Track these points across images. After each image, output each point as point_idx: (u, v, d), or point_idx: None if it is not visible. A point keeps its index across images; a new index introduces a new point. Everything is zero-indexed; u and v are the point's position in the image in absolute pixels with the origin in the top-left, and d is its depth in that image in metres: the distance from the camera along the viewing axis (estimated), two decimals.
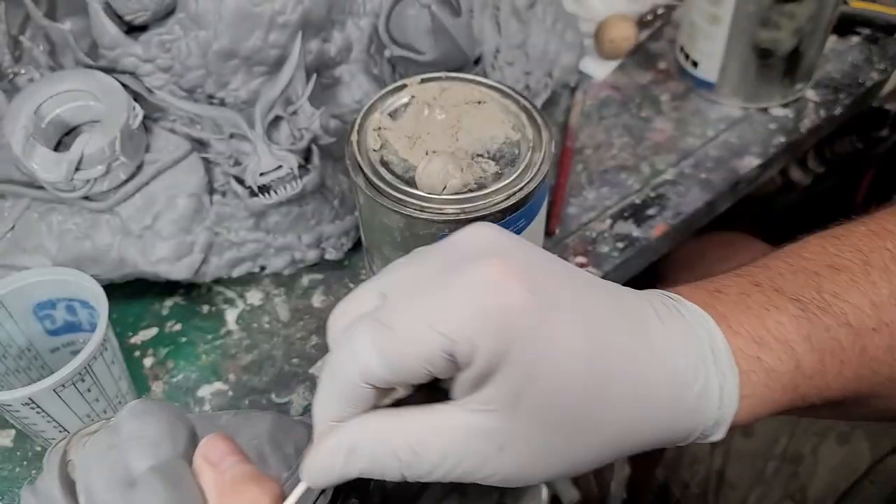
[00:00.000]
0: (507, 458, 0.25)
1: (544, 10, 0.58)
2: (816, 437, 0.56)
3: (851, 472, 0.53)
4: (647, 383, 0.26)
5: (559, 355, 0.24)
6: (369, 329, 0.25)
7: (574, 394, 0.25)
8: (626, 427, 0.26)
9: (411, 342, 0.24)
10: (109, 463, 0.27)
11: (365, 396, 0.25)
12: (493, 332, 0.24)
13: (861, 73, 0.65)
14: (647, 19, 0.70)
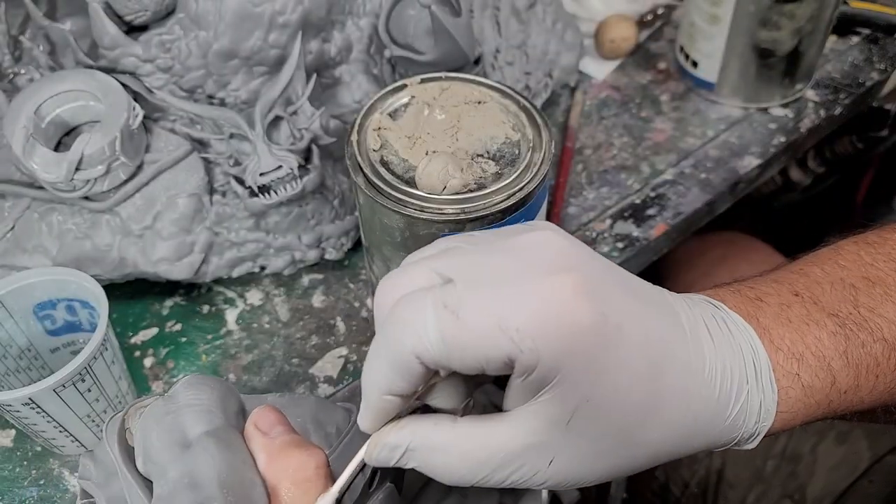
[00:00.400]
0: (555, 470, 0.26)
1: (544, 11, 0.58)
2: (815, 436, 0.56)
3: (850, 471, 0.53)
4: (696, 405, 0.27)
5: (618, 379, 0.25)
6: (434, 309, 0.24)
7: (627, 416, 0.26)
8: (671, 443, 0.27)
9: (476, 336, 0.24)
10: (166, 426, 0.28)
11: (416, 373, 0.25)
12: (560, 348, 0.24)
13: (861, 73, 0.65)
14: (647, 19, 0.70)
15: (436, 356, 0.24)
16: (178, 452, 0.27)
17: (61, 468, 0.44)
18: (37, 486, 0.43)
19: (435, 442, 0.26)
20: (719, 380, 0.27)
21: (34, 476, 0.43)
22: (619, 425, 0.26)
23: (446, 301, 0.24)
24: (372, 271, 0.47)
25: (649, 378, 0.26)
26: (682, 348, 0.27)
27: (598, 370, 0.25)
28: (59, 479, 0.43)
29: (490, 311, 0.24)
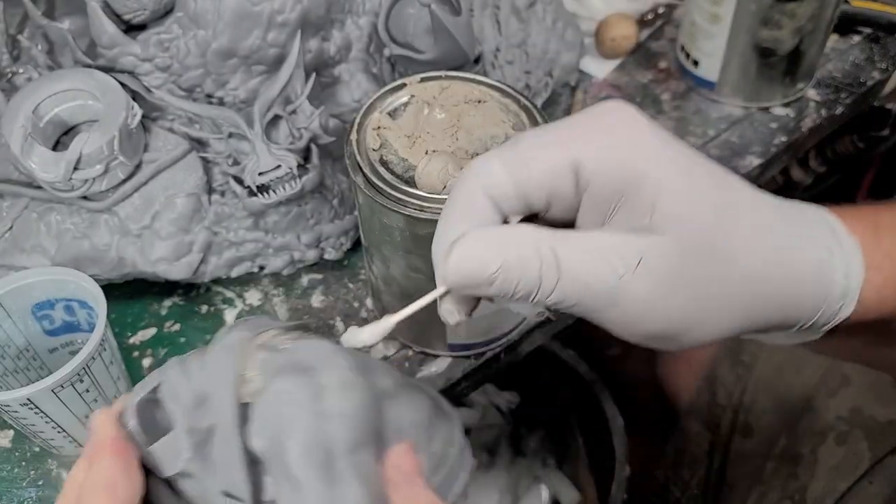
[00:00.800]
0: (642, 275, 0.25)
1: (544, 9, 0.58)
2: (816, 437, 0.56)
3: (851, 472, 0.53)
4: (770, 227, 0.26)
5: (688, 176, 0.25)
6: (495, 150, 0.26)
7: (703, 218, 0.25)
8: (757, 268, 0.26)
9: (539, 154, 0.25)
10: (313, 432, 0.25)
11: (487, 212, 0.26)
12: (618, 149, 0.24)
13: (862, 73, 0.65)
14: (648, 18, 0.69)
15: (503, 184, 0.25)
16: (321, 472, 0.24)
17: (60, 469, 0.44)
18: (35, 487, 0.43)
19: (518, 232, 0.25)
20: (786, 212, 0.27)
21: (33, 477, 0.43)
22: (698, 230, 0.25)
23: (506, 143, 0.26)
24: (371, 271, 0.46)
25: (714, 184, 0.26)
26: (740, 180, 0.27)
27: (664, 170, 0.25)
28: (57, 479, 0.43)
29: (548, 135, 0.25)
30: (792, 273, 0.26)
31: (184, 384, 0.27)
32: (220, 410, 0.26)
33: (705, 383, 0.64)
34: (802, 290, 0.27)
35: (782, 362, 0.60)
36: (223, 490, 0.26)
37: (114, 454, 0.26)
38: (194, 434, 0.26)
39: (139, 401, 0.27)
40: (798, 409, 0.57)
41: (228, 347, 0.27)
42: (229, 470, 0.25)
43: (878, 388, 0.55)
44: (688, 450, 0.64)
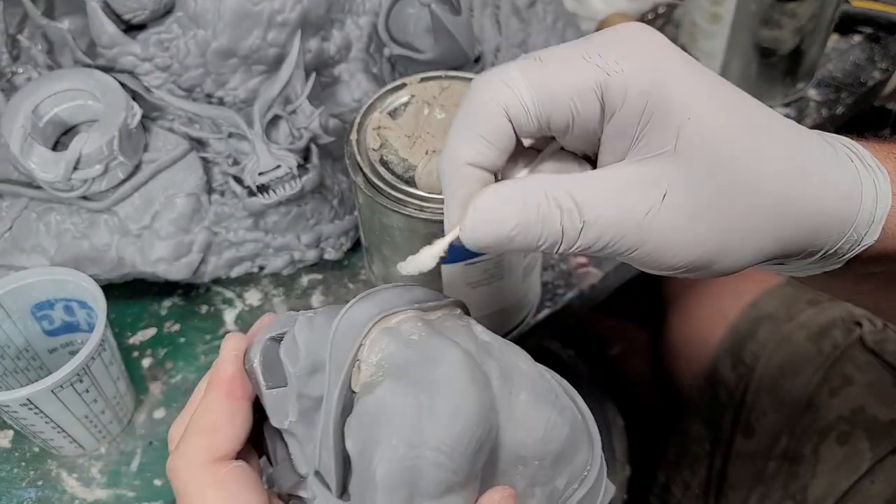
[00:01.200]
0: (669, 209, 0.24)
1: (545, 9, 0.58)
2: (817, 436, 0.55)
3: (852, 471, 0.53)
4: (800, 154, 0.25)
5: (712, 99, 0.24)
6: (515, 62, 0.24)
7: (730, 139, 0.24)
8: (785, 193, 0.25)
9: (562, 70, 0.24)
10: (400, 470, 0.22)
11: (504, 133, 0.24)
12: (646, 69, 0.23)
13: (863, 73, 0.65)
14: (648, 18, 0.69)
15: (524, 102, 0.24)
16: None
17: (59, 469, 0.43)
18: (35, 487, 0.43)
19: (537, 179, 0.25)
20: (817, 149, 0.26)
21: (32, 477, 0.43)
22: (726, 154, 0.24)
23: (527, 57, 0.24)
24: (371, 271, 0.46)
25: (743, 108, 0.25)
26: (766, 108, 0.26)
27: (690, 91, 0.24)
28: (57, 480, 0.43)
29: (573, 49, 0.24)
30: (821, 197, 0.26)
31: (302, 348, 0.25)
32: (328, 392, 0.25)
33: (706, 383, 0.64)
34: (830, 215, 0.26)
35: (783, 362, 0.60)
36: (315, 468, 0.25)
37: (224, 395, 0.26)
38: (303, 400, 0.25)
39: (266, 340, 0.27)
40: (799, 408, 0.57)
41: (355, 327, 0.25)
42: (323, 453, 0.25)
43: (880, 387, 0.55)
44: (689, 450, 0.63)
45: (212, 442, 0.26)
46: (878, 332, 0.57)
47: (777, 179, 0.25)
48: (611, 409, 0.71)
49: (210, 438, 0.26)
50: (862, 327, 0.58)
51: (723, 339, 0.64)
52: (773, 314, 0.62)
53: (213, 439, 0.26)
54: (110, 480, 0.43)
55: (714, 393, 0.63)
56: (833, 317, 0.60)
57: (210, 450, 0.26)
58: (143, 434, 0.45)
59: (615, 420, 0.70)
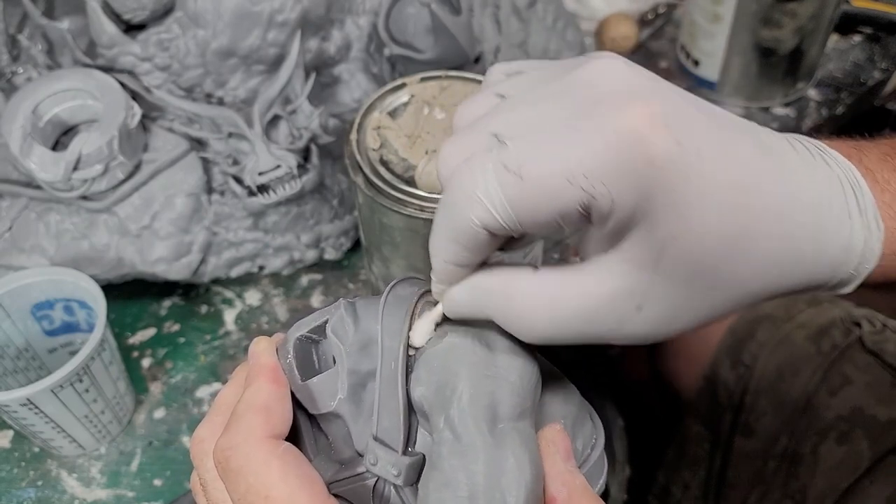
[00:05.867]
0: (644, 319, 0.24)
1: (545, 9, 0.58)
2: (816, 436, 0.55)
3: (851, 471, 0.53)
4: (792, 238, 0.25)
5: (705, 211, 0.23)
6: (495, 173, 0.23)
7: (717, 250, 0.23)
8: (765, 280, 0.25)
9: (545, 194, 0.22)
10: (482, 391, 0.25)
11: (482, 242, 0.24)
12: (636, 187, 0.22)
13: (863, 73, 0.65)
14: (648, 18, 0.69)
15: (504, 223, 0.23)
16: (488, 429, 0.24)
17: (59, 469, 0.43)
18: (34, 487, 0.43)
19: (515, 289, 0.25)
20: (817, 211, 0.25)
21: (32, 477, 0.43)
22: (710, 262, 0.23)
23: (507, 163, 0.23)
24: (371, 271, 0.46)
25: (738, 208, 0.23)
26: (771, 175, 0.24)
27: (682, 204, 0.23)
28: (56, 480, 0.43)
29: (554, 163, 0.22)
30: (805, 276, 0.25)
31: (352, 326, 0.27)
32: (384, 358, 0.26)
33: (706, 384, 0.64)
34: (809, 284, 0.26)
35: (782, 362, 0.60)
36: (374, 435, 0.26)
37: (270, 381, 0.27)
38: (353, 376, 0.27)
39: (299, 337, 0.28)
40: (798, 408, 0.57)
41: (402, 298, 0.27)
42: (383, 416, 0.26)
43: (879, 387, 0.55)
44: (688, 450, 0.63)
45: (268, 419, 0.26)
46: (877, 333, 0.57)
47: (761, 276, 0.25)
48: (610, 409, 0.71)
49: (266, 416, 0.26)
50: (861, 328, 0.58)
51: (722, 339, 0.64)
52: (773, 314, 0.62)
53: (269, 417, 0.26)
54: (110, 480, 0.43)
55: (713, 393, 0.63)
56: (832, 317, 0.60)
57: (267, 426, 0.26)
58: (143, 434, 0.45)
59: (615, 421, 0.70)
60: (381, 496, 0.26)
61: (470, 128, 0.25)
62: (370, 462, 0.26)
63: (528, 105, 0.24)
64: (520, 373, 0.26)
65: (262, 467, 0.25)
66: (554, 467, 0.26)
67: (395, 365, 0.26)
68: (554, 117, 0.23)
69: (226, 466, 0.26)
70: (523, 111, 0.24)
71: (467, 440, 0.24)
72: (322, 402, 0.27)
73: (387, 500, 0.26)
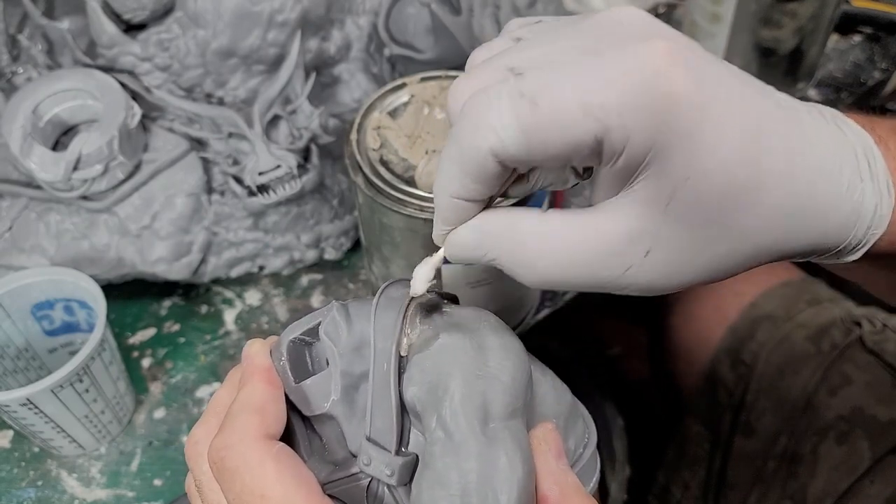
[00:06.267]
0: (650, 265, 0.24)
1: (545, 9, 0.58)
2: (816, 436, 0.55)
3: (851, 471, 0.53)
4: (802, 194, 0.24)
5: (718, 154, 0.23)
6: (510, 100, 0.22)
7: (728, 195, 0.23)
8: (775, 237, 0.25)
9: (559, 123, 0.22)
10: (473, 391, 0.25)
11: (492, 174, 0.23)
12: (652, 123, 0.22)
13: (863, 73, 0.65)
14: None
15: (515, 152, 0.22)
16: (479, 428, 0.24)
17: (59, 469, 0.43)
18: (34, 488, 0.43)
19: (523, 229, 0.24)
20: (829, 172, 0.25)
21: (32, 477, 0.43)
22: (720, 207, 0.23)
23: (522, 90, 0.22)
24: (371, 271, 0.46)
25: (751, 155, 0.23)
26: (785, 130, 0.24)
27: (696, 144, 0.22)
28: (56, 480, 0.43)
29: (570, 92, 0.22)
30: (813, 235, 0.25)
31: (345, 328, 0.27)
32: (377, 358, 0.26)
33: (706, 383, 0.64)
34: (817, 245, 0.26)
35: (782, 362, 0.60)
36: (367, 436, 0.26)
37: (265, 382, 0.27)
38: (346, 377, 0.27)
39: (292, 340, 0.28)
40: (798, 408, 0.57)
41: (394, 300, 0.27)
42: (376, 416, 0.26)
43: (879, 387, 0.55)
44: (688, 450, 0.63)
45: (263, 419, 0.26)
46: (877, 332, 0.58)
47: (769, 228, 0.24)
48: (610, 409, 0.71)
49: (261, 417, 0.26)
50: (861, 327, 0.58)
51: (722, 339, 0.64)
52: (773, 314, 0.62)
53: (264, 417, 0.26)
54: (110, 480, 0.43)
55: (713, 393, 0.63)
56: (832, 317, 0.60)
57: (262, 426, 0.26)
58: (143, 434, 0.45)
59: (615, 420, 0.70)
60: (374, 496, 0.26)
61: (485, 63, 0.24)
62: (364, 462, 0.26)
63: (547, 42, 0.24)
64: (511, 373, 0.26)
65: (258, 467, 0.25)
66: (546, 466, 0.26)
67: (387, 366, 0.26)
68: (573, 50, 0.23)
69: (221, 466, 0.26)
70: (542, 47, 0.24)
71: (459, 439, 0.24)
72: (316, 403, 0.27)
73: (380, 500, 0.26)
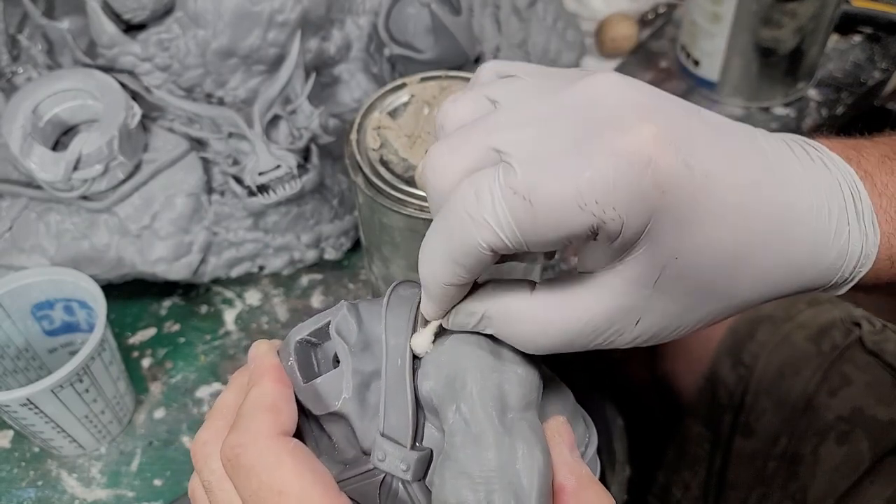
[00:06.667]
0: (642, 329, 0.25)
1: (545, 9, 0.58)
2: (816, 437, 0.55)
3: (851, 471, 0.53)
4: (791, 251, 0.25)
5: (708, 232, 0.23)
6: (503, 198, 0.22)
7: (717, 266, 0.24)
8: (763, 290, 0.25)
9: (555, 219, 0.22)
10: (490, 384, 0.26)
11: (485, 262, 0.24)
12: (646, 211, 0.22)
13: (863, 72, 0.65)
14: (649, 18, 0.69)
15: (512, 245, 0.23)
16: (495, 421, 0.25)
17: (59, 469, 0.43)
18: (35, 488, 0.43)
19: (513, 310, 0.25)
20: (816, 219, 0.25)
21: (32, 477, 0.43)
22: (710, 278, 0.24)
23: (515, 187, 0.22)
24: (371, 271, 0.46)
25: (740, 226, 0.24)
26: (773, 189, 0.25)
27: (687, 224, 0.23)
28: (56, 480, 0.43)
29: (565, 188, 0.22)
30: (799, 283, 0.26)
31: (355, 326, 0.27)
32: (390, 355, 0.27)
33: (706, 384, 0.64)
34: (803, 288, 0.26)
35: (783, 362, 0.60)
36: (381, 432, 0.26)
37: (276, 381, 0.27)
38: (357, 376, 0.27)
39: (299, 341, 0.28)
40: (799, 409, 0.57)
41: (405, 298, 0.28)
42: (390, 412, 0.26)
43: (879, 387, 0.55)
44: (688, 451, 0.63)
45: (277, 417, 0.26)
46: (877, 333, 0.57)
47: (758, 287, 0.25)
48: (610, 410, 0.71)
49: (275, 415, 0.26)
50: (861, 328, 0.58)
51: (722, 339, 0.64)
52: (773, 315, 0.62)
53: (278, 415, 0.26)
54: (110, 480, 0.43)
55: (713, 393, 0.63)
56: (832, 317, 0.60)
57: (277, 424, 0.26)
58: (143, 434, 0.45)
59: (615, 421, 0.70)
60: (388, 492, 0.26)
61: (464, 136, 0.24)
62: (378, 458, 0.26)
63: (527, 122, 0.24)
64: (525, 366, 0.26)
65: (274, 464, 0.25)
66: (560, 456, 0.26)
67: (401, 361, 0.26)
68: (558, 138, 0.23)
69: (236, 464, 0.25)
70: (524, 129, 0.24)
71: (478, 429, 0.24)
72: (327, 401, 0.27)
73: (395, 495, 0.26)
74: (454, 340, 0.27)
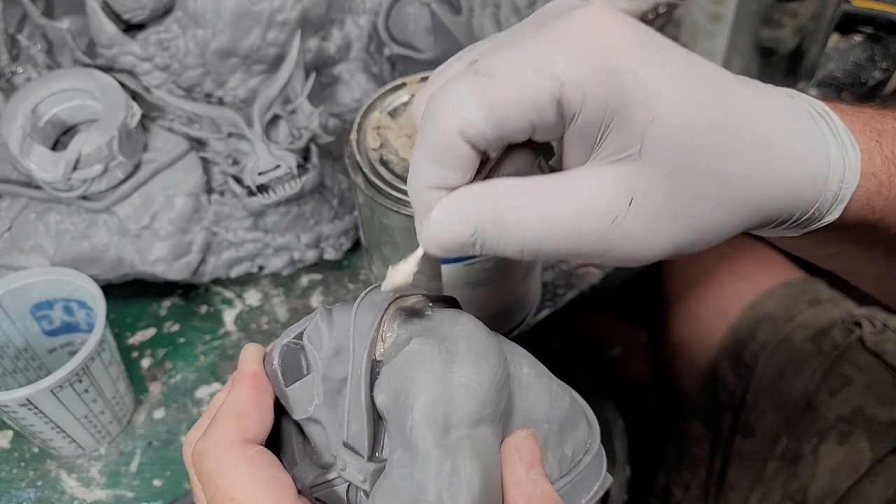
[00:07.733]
0: (635, 216, 0.24)
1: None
2: (816, 437, 0.55)
3: (852, 472, 0.53)
4: (770, 138, 0.25)
5: (673, 98, 0.23)
6: (466, 80, 0.23)
7: (697, 137, 0.23)
8: (754, 184, 0.25)
9: (516, 89, 0.23)
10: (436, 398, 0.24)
11: (464, 157, 0.24)
12: (602, 71, 0.22)
13: (863, 72, 0.65)
14: (649, 18, 0.69)
15: (482, 127, 0.23)
16: (437, 439, 0.24)
17: (59, 469, 0.43)
18: (34, 488, 0.43)
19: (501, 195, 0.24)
20: (786, 122, 0.25)
21: (32, 477, 0.43)
22: (691, 151, 0.23)
23: (477, 69, 0.23)
24: (371, 271, 0.46)
25: (705, 102, 0.24)
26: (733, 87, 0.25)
27: (651, 88, 0.23)
28: (56, 480, 0.43)
29: (522, 60, 0.23)
30: (788, 181, 0.25)
31: (325, 333, 0.27)
32: (353, 364, 0.26)
33: (706, 383, 0.64)
34: (796, 197, 0.26)
35: (783, 362, 0.60)
36: (343, 441, 0.26)
37: (250, 387, 0.28)
38: (327, 382, 0.27)
39: (286, 344, 0.28)
40: (799, 408, 0.57)
41: (374, 304, 0.28)
42: (352, 422, 0.26)
43: (879, 388, 0.55)
44: (688, 450, 0.63)
45: (241, 424, 0.27)
46: (877, 333, 0.57)
47: (745, 172, 0.24)
48: (611, 409, 0.71)
49: (240, 422, 0.27)
50: (862, 328, 0.58)
51: (723, 339, 0.64)
52: (773, 314, 0.62)
53: (243, 422, 0.27)
54: (110, 481, 0.43)
55: (714, 393, 0.63)
56: (833, 317, 0.60)
57: (240, 431, 0.26)
58: (143, 434, 0.45)
59: (615, 421, 0.70)
60: (354, 500, 0.26)
61: (446, 63, 0.26)
62: (340, 467, 0.26)
63: (497, 37, 0.26)
64: (479, 379, 0.25)
65: (231, 470, 0.25)
66: (513, 475, 0.25)
67: (360, 372, 0.26)
68: (519, 32, 0.24)
69: (199, 469, 0.26)
70: (494, 40, 0.25)
71: (417, 449, 0.24)
72: (300, 408, 0.27)
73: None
74: (408, 351, 0.26)
